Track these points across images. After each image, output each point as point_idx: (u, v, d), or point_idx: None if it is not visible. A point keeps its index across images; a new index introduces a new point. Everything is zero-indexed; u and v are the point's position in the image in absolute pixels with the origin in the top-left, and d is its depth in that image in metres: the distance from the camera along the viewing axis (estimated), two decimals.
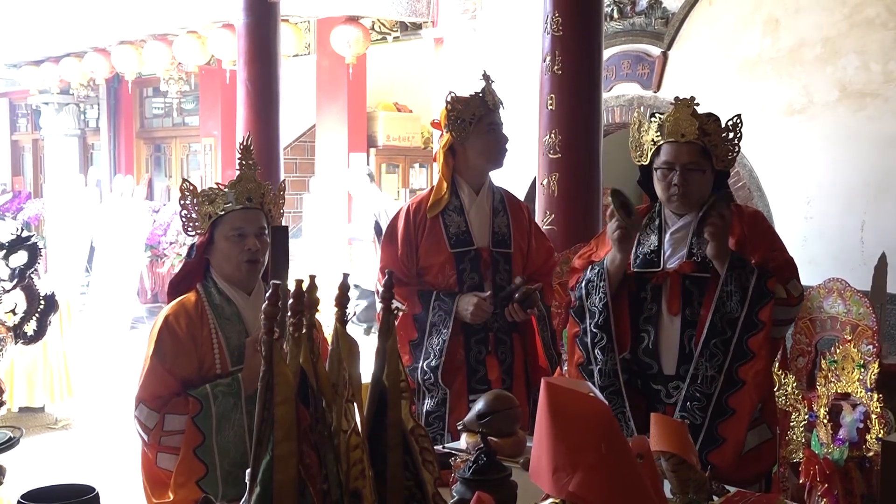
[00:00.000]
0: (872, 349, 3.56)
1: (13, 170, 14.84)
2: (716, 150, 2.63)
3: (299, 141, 10.53)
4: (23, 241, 3.18)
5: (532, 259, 3.25)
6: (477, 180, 3.19)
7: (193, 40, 8.82)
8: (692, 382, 2.53)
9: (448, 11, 7.79)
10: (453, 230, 3.14)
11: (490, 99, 3.15)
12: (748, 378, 2.51)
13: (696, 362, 2.53)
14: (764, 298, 2.52)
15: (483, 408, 2.37)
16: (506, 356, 3.14)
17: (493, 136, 3.12)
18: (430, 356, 3.09)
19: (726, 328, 2.52)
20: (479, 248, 3.14)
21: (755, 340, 2.52)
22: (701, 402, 2.52)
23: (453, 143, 3.14)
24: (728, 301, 2.52)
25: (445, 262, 3.13)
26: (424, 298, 3.11)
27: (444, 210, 3.15)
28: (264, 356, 1.36)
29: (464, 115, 3.11)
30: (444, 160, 3.17)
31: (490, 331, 3.12)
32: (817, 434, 2.83)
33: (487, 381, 3.09)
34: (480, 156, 3.13)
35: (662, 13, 6.08)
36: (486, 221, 3.17)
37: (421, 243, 3.16)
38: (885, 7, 5.10)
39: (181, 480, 2.38)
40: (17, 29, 10.77)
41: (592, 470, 1.60)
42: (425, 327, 3.10)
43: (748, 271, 2.53)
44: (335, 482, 1.41)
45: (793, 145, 5.50)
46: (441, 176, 3.20)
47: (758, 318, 2.52)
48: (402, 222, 3.18)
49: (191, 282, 2.57)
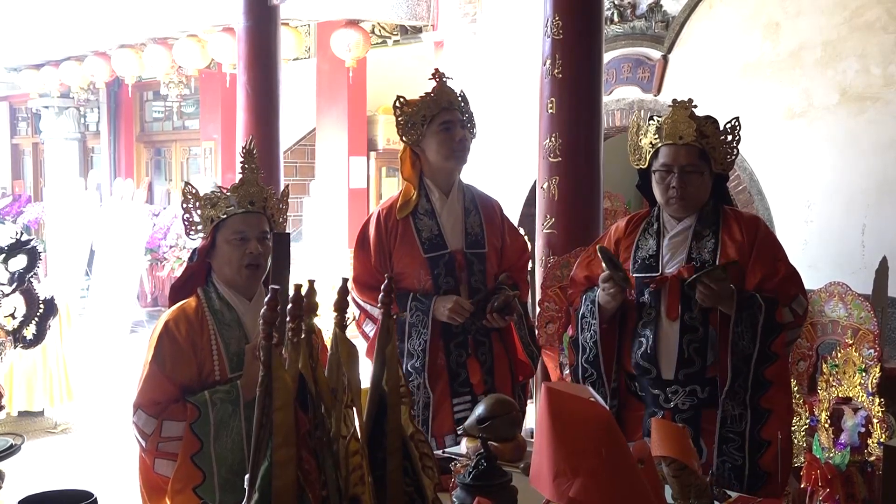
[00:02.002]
0: (874, 353, 3.55)
1: (13, 173, 14.85)
2: (714, 152, 2.62)
3: (299, 144, 10.53)
4: (22, 245, 3.18)
5: (507, 256, 3.23)
6: (444, 181, 3.15)
7: (193, 44, 8.82)
8: (722, 425, 2.55)
9: (448, 15, 7.79)
10: (426, 234, 3.10)
11: (443, 98, 3.11)
12: (773, 407, 2.53)
13: (721, 404, 2.55)
14: (775, 332, 2.53)
15: (483, 412, 2.36)
16: (486, 357, 3.13)
17: (447, 133, 3.07)
18: (414, 357, 3.07)
19: (743, 367, 2.53)
20: (453, 252, 3.11)
21: (771, 371, 2.54)
22: (736, 441, 2.54)
23: (412, 147, 3.12)
24: (740, 341, 2.54)
25: (420, 267, 3.09)
26: (401, 301, 3.07)
27: (416, 214, 3.11)
28: (263, 361, 1.36)
29: (413, 118, 3.09)
30: (410, 164, 3.14)
31: (468, 333, 3.09)
32: (819, 438, 2.82)
33: (470, 384, 3.09)
34: (437, 155, 3.09)
35: (663, 17, 6.08)
36: (458, 223, 3.14)
37: (394, 249, 3.12)
38: (885, 10, 5.10)
39: (178, 487, 2.37)
40: (18, 33, 10.78)
41: (593, 475, 1.59)
42: (403, 329, 3.07)
43: (756, 308, 2.53)
44: (334, 488, 1.41)
45: (793, 149, 5.49)
46: (405, 179, 3.17)
47: (771, 351, 2.53)
48: (373, 228, 3.14)
49: (192, 286, 2.56)
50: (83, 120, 12.95)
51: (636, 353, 2.66)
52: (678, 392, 2.60)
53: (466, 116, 3.16)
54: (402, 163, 3.18)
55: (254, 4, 6.22)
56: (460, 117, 3.12)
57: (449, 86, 3.15)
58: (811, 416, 3.00)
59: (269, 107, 6.26)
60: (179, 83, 10.08)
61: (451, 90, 3.15)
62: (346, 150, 8.95)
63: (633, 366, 2.67)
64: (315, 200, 9.41)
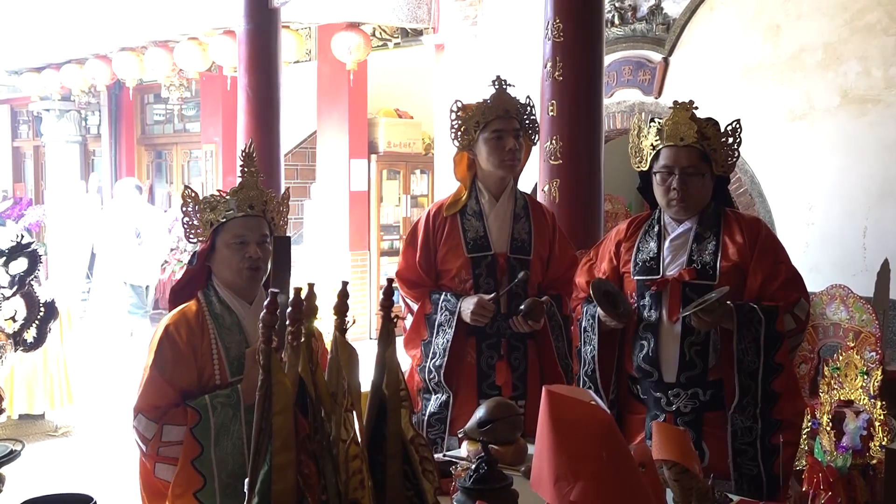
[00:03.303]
0: (875, 356, 3.55)
1: (14, 176, 14.86)
2: (715, 154, 2.61)
3: (300, 147, 10.54)
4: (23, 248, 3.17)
5: (553, 267, 3.22)
6: (495, 186, 3.17)
7: (194, 47, 8.83)
8: (734, 439, 2.55)
9: (449, 18, 7.79)
10: (471, 235, 3.13)
11: (499, 105, 3.10)
12: (783, 417, 2.54)
13: (731, 418, 2.55)
14: (777, 343, 2.53)
15: (484, 415, 2.35)
16: (519, 362, 3.12)
17: (498, 142, 3.08)
18: (436, 355, 3.09)
19: (751, 382, 2.53)
20: (496, 254, 3.12)
21: (779, 383, 2.54)
22: (749, 452, 2.54)
23: (466, 151, 3.15)
24: (745, 357, 2.53)
25: (462, 266, 3.12)
26: (434, 298, 3.12)
27: (464, 214, 3.15)
28: (263, 365, 1.35)
29: (467, 123, 3.11)
30: (466, 165, 3.18)
31: (503, 336, 3.10)
32: (820, 441, 2.81)
33: (497, 387, 3.08)
34: (487, 162, 3.11)
35: (664, 19, 6.08)
36: (505, 227, 3.15)
37: (440, 247, 3.16)
38: (886, 13, 5.10)
39: (178, 492, 2.36)
40: (19, 36, 10.79)
41: (594, 479, 1.59)
42: (434, 327, 3.10)
43: (756, 323, 2.52)
44: (334, 492, 1.40)
45: (794, 151, 5.49)
46: (458, 180, 3.22)
47: (776, 363, 2.52)
48: (422, 226, 3.20)
49: (192, 290, 2.56)
50: (84, 123, 12.95)
51: (637, 355, 2.65)
52: (680, 395, 2.59)
53: (528, 124, 3.16)
54: (456, 164, 3.20)
55: (255, 7, 6.23)
56: (515, 126, 3.11)
57: (508, 93, 3.13)
58: (813, 419, 3.00)
59: (270, 110, 6.27)
60: (180, 86, 10.08)
61: (510, 98, 3.13)
62: (346, 153, 8.96)
63: (635, 369, 2.67)
64: (316, 203, 9.41)
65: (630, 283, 2.73)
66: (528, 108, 3.17)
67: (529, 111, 3.18)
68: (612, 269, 2.78)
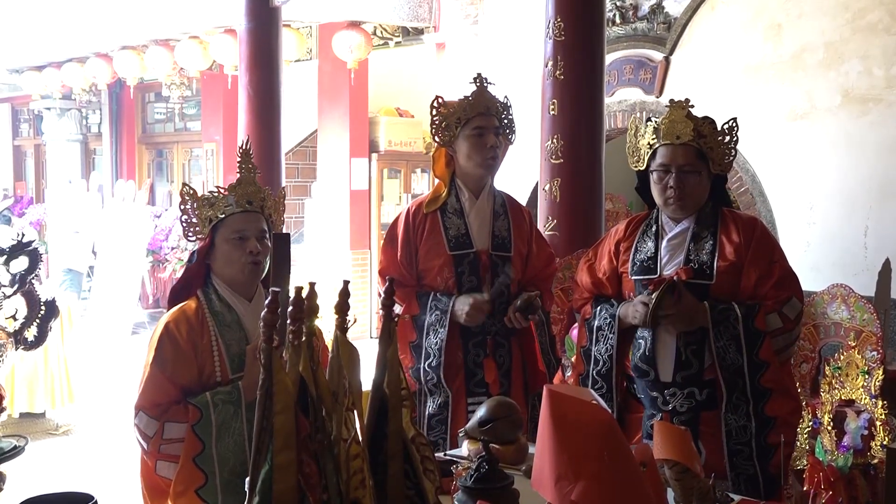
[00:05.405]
0: (877, 355, 3.54)
1: (15, 175, 14.87)
2: (712, 152, 2.61)
3: (301, 146, 10.54)
4: (23, 247, 3.17)
5: (532, 264, 3.24)
6: (475, 184, 3.17)
7: (195, 45, 8.83)
8: (728, 439, 2.55)
9: (450, 16, 7.79)
10: (453, 232, 3.13)
11: (480, 103, 3.11)
12: (777, 414, 2.54)
13: (724, 418, 2.55)
14: (757, 339, 2.52)
15: (485, 414, 2.35)
16: (504, 359, 3.14)
17: (479, 139, 3.08)
18: (431, 356, 3.09)
19: (738, 379, 2.53)
20: (478, 251, 3.13)
21: (767, 379, 2.53)
22: (744, 452, 2.54)
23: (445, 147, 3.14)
24: (727, 354, 2.53)
25: (444, 264, 3.12)
26: (422, 300, 3.11)
27: (445, 212, 3.14)
28: (263, 364, 1.35)
29: (448, 119, 3.11)
30: (444, 163, 3.18)
31: (488, 334, 3.11)
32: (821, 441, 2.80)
33: (485, 384, 3.10)
34: (467, 159, 3.11)
35: (665, 18, 6.08)
36: (486, 224, 3.16)
37: (420, 245, 3.15)
38: (887, 12, 5.09)
39: (180, 489, 2.36)
40: (20, 34, 10.79)
41: (595, 479, 1.59)
42: (423, 328, 3.09)
43: (732, 320, 2.53)
44: (335, 492, 1.40)
45: (795, 150, 5.49)
46: (437, 177, 3.21)
47: (760, 360, 2.52)
48: (401, 224, 3.18)
49: (192, 288, 2.56)
50: (85, 121, 12.96)
51: (635, 354, 2.65)
52: (676, 394, 2.59)
53: (504, 123, 3.17)
54: (435, 161, 3.20)
55: (255, 6, 6.22)
56: (496, 124, 3.12)
57: (489, 91, 3.14)
58: (813, 419, 2.99)
59: (271, 108, 6.26)
60: (181, 85, 10.08)
61: (491, 96, 3.15)
62: (347, 152, 8.96)
63: (633, 368, 2.67)
64: (316, 202, 9.41)
65: (628, 283, 2.73)
66: (507, 108, 3.19)
67: (508, 111, 3.20)
68: (612, 268, 2.78)
